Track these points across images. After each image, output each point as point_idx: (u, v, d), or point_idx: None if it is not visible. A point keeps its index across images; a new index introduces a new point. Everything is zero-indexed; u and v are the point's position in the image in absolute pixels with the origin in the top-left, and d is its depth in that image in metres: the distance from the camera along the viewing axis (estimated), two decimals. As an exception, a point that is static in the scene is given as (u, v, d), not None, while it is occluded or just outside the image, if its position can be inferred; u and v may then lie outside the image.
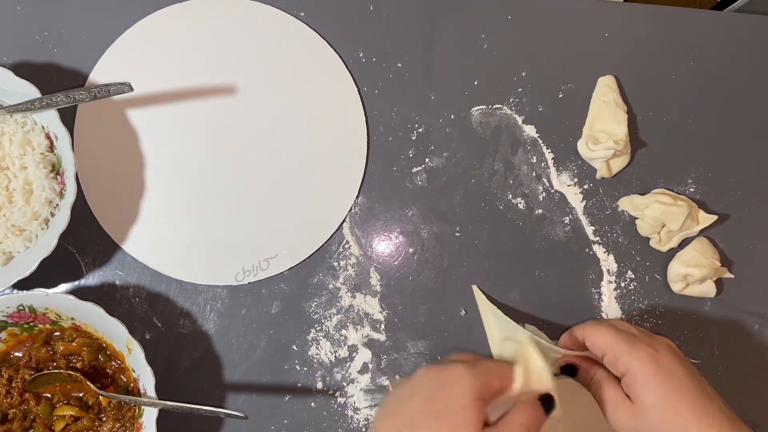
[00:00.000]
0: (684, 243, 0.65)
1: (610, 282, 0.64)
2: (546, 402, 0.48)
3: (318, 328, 0.62)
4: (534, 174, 0.65)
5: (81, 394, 0.57)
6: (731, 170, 0.67)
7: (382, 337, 0.62)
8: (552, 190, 0.65)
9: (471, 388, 0.45)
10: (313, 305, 0.62)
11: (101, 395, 0.56)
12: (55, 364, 0.58)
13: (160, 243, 0.61)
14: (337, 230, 0.63)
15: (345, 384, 0.62)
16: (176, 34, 0.64)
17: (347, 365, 0.62)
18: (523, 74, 0.66)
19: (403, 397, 0.47)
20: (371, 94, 0.65)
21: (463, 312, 0.63)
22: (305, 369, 0.62)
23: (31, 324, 0.57)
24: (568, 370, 0.55)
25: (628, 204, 0.65)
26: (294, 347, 0.62)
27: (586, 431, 0.59)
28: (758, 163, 0.67)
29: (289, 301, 0.62)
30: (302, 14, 0.65)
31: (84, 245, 0.61)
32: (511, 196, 0.65)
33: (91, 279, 0.61)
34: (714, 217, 0.64)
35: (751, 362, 0.65)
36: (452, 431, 0.43)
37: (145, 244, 0.61)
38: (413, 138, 0.65)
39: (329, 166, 0.64)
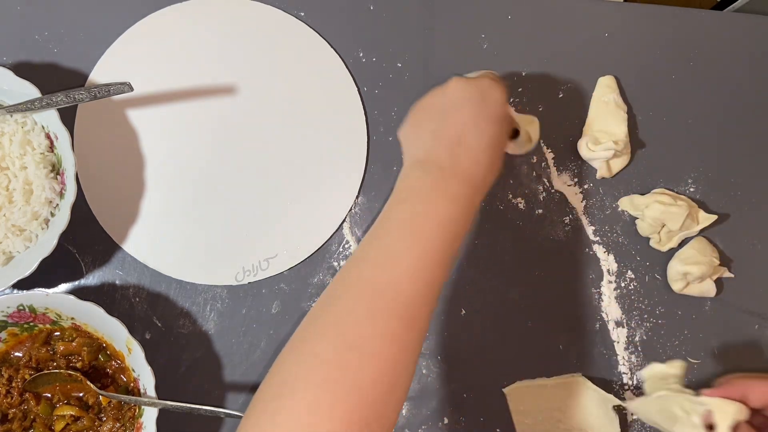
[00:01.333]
0: (684, 243, 0.65)
1: (610, 282, 0.64)
2: None
3: (318, 328, 0.62)
4: (534, 174, 0.65)
5: (81, 394, 0.57)
6: (731, 170, 0.67)
7: (382, 337, 0.62)
8: (552, 190, 0.65)
9: (504, 98, 0.51)
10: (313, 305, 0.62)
11: (101, 395, 0.56)
12: (55, 364, 0.58)
13: (160, 243, 0.61)
14: (337, 230, 0.63)
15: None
16: (176, 34, 0.64)
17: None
18: (523, 74, 0.66)
19: (454, 104, 0.50)
20: (371, 94, 0.65)
21: (463, 312, 0.63)
22: (305, 369, 0.62)
23: (31, 324, 0.57)
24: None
25: (628, 204, 0.65)
26: (294, 347, 0.62)
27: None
28: (758, 163, 0.67)
29: (289, 301, 0.62)
30: (302, 14, 0.65)
31: (84, 245, 0.61)
32: (511, 196, 0.65)
33: (91, 279, 0.61)
34: (714, 217, 0.64)
35: (751, 362, 0.65)
36: (503, 133, 0.51)
37: (145, 244, 0.61)
38: (413, 138, 0.65)
39: (329, 166, 0.64)
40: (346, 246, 0.63)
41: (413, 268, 0.43)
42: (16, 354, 0.59)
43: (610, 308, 0.64)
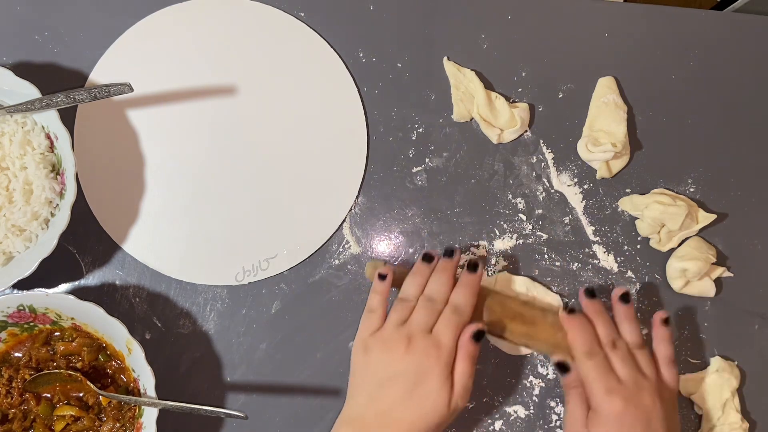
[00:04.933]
0: (684, 243, 0.65)
1: (611, 282, 0.64)
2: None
3: (318, 328, 0.62)
4: (534, 174, 0.65)
5: (81, 394, 0.58)
6: (731, 170, 0.67)
7: (382, 337, 0.62)
8: (552, 190, 0.65)
9: (445, 377, 0.52)
10: (313, 305, 0.62)
11: (101, 395, 0.56)
12: (55, 364, 0.58)
13: (160, 243, 0.62)
14: (337, 230, 0.63)
15: (346, 384, 0.61)
16: (176, 34, 0.64)
17: (348, 365, 0.62)
18: (523, 74, 0.66)
19: (389, 375, 0.52)
20: (371, 94, 0.65)
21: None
22: (306, 369, 0.62)
23: (31, 324, 0.57)
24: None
25: (628, 204, 0.65)
26: (294, 347, 0.62)
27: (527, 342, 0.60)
28: (758, 163, 0.67)
29: (289, 301, 0.62)
30: (302, 14, 0.65)
31: (84, 245, 0.61)
32: (511, 196, 0.65)
33: (91, 279, 0.61)
34: (713, 216, 0.64)
35: (751, 362, 0.65)
36: (431, 409, 0.51)
37: (145, 244, 0.61)
38: (413, 138, 0.65)
39: (329, 166, 0.64)
40: (346, 246, 0.63)
41: None
42: (16, 354, 0.59)
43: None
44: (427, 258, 0.57)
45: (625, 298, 0.57)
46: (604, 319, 0.56)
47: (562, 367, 0.55)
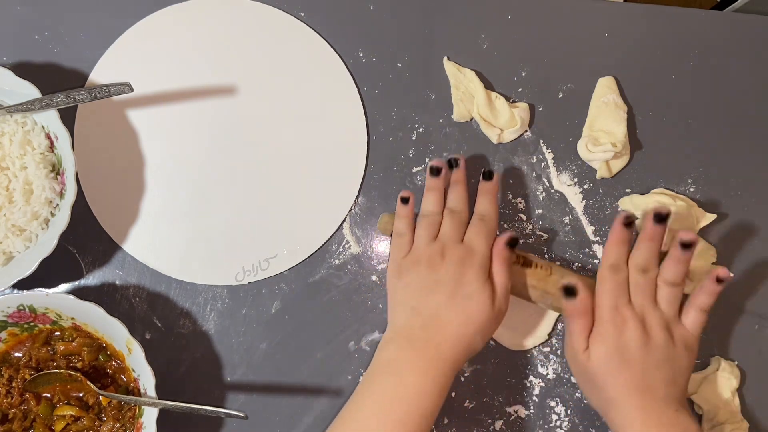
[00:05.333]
0: (684, 243, 0.65)
1: (610, 282, 0.64)
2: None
3: (318, 328, 0.62)
4: (534, 174, 0.65)
5: (81, 394, 0.58)
6: (731, 170, 0.67)
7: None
8: (552, 190, 0.65)
9: (485, 279, 0.53)
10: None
11: (101, 395, 0.56)
12: (55, 364, 0.58)
13: (160, 243, 0.62)
14: (337, 230, 0.63)
15: (346, 384, 0.62)
16: (176, 34, 0.64)
17: (348, 365, 0.62)
18: (523, 74, 0.66)
19: (430, 285, 0.53)
20: (371, 94, 0.65)
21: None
22: (306, 369, 0.62)
23: (31, 324, 0.57)
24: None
25: (628, 204, 0.65)
26: (294, 347, 0.62)
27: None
28: (758, 163, 0.67)
29: (289, 301, 0.62)
30: (302, 14, 0.65)
31: (84, 245, 0.61)
32: (511, 196, 0.65)
33: (91, 279, 0.61)
34: (713, 216, 0.64)
35: (751, 362, 0.65)
36: (477, 310, 0.52)
37: (145, 244, 0.61)
38: (413, 138, 0.65)
39: (329, 166, 0.64)
40: (346, 246, 0.63)
41: None
42: (16, 354, 0.59)
43: (610, 308, 0.64)
44: (435, 171, 0.58)
45: (685, 246, 0.52)
46: (653, 247, 0.53)
47: (569, 291, 0.53)
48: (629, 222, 0.54)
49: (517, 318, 0.62)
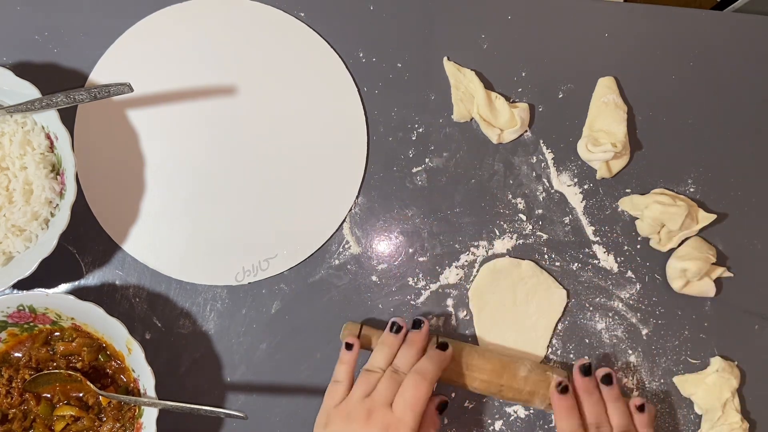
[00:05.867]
0: (684, 243, 0.65)
1: (610, 282, 0.64)
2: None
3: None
4: (534, 174, 0.65)
5: (81, 394, 0.58)
6: (731, 170, 0.67)
7: (382, 337, 0.62)
8: (552, 190, 0.65)
9: None
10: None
11: (101, 395, 0.56)
12: (55, 364, 0.58)
13: (160, 243, 0.62)
14: (337, 230, 0.63)
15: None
16: (176, 34, 0.64)
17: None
18: (523, 74, 0.66)
19: None
20: (371, 94, 0.65)
21: (464, 313, 0.63)
22: (306, 369, 0.62)
23: (31, 324, 0.57)
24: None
25: (628, 204, 0.65)
26: (294, 347, 0.62)
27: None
28: (758, 163, 0.67)
29: (289, 301, 0.62)
30: (302, 14, 0.65)
31: (84, 245, 0.61)
32: (511, 196, 0.65)
33: (91, 279, 0.61)
34: (713, 216, 0.64)
35: (751, 362, 0.65)
36: None
37: (145, 244, 0.61)
38: (413, 138, 0.65)
39: (329, 166, 0.64)
40: (346, 246, 0.63)
41: None
42: (16, 354, 0.59)
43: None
44: (396, 328, 0.58)
45: (606, 380, 0.58)
46: (594, 400, 0.57)
47: (564, 389, 0.57)
48: (564, 388, 0.57)
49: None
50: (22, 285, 0.57)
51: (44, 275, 0.58)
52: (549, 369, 0.59)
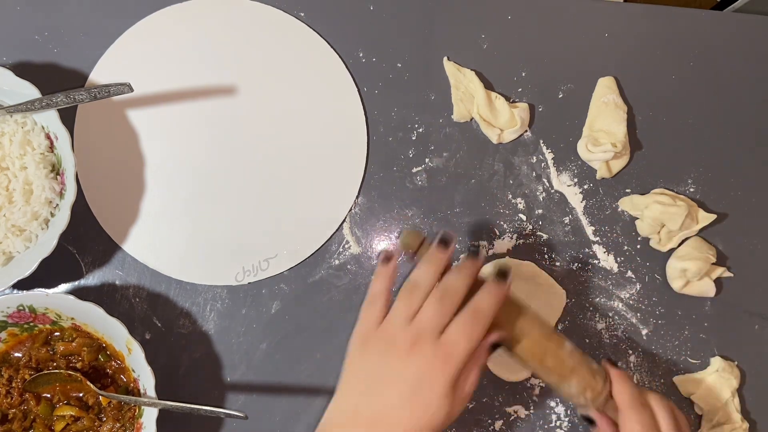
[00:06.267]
0: (684, 243, 0.65)
1: (610, 282, 0.64)
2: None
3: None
4: (534, 174, 0.65)
5: (81, 394, 0.58)
6: (731, 170, 0.67)
7: (382, 337, 0.62)
8: (552, 190, 0.65)
9: (450, 389, 0.46)
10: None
11: (101, 395, 0.56)
12: (55, 364, 0.58)
13: (160, 243, 0.62)
14: (337, 230, 0.63)
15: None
16: (176, 34, 0.64)
17: (347, 365, 0.62)
18: (523, 74, 0.66)
19: (388, 376, 0.47)
20: (371, 94, 0.65)
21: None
22: (306, 369, 0.62)
23: (31, 324, 0.57)
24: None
25: (628, 204, 0.65)
26: (294, 347, 0.62)
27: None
28: (758, 163, 0.67)
29: (289, 301, 0.62)
30: (302, 14, 0.65)
31: (84, 245, 0.61)
32: (511, 196, 0.65)
33: (91, 279, 0.61)
34: (713, 216, 0.64)
35: (751, 362, 0.65)
36: (429, 420, 0.45)
37: (145, 244, 0.61)
38: (413, 138, 0.65)
39: (329, 166, 0.64)
40: (346, 246, 0.63)
41: None
42: (16, 354, 0.59)
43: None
44: (445, 243, 0.50)
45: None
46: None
47: (590, 421, 0.51)
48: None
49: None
50: (22, 285, 0.57)
51: (44, 275, 0.58)
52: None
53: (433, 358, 0.46)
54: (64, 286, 0.61)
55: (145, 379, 0.55)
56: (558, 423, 0.63)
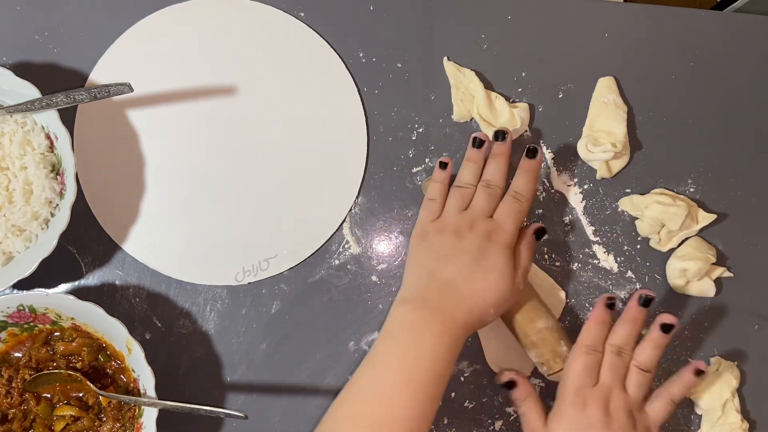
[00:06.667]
0: (684, 243, 0.65)
1: (610, 283, 0.64)
2: None
3: (318, 328, 0.62)
4: (534, 174, 0.65)
5: (81, 394, 0.58)
6: (731, 170, 0.67)
7: (382, 337, 0.62)
8: (552, 190, 0.65)
9: (510, 254, 0.53)
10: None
11: (101, 395, 0.56)
12: (55, 364, 0.58)
13: (160, 243, 0.62)
14: (337, 230, 0.63)
15: (346, 384, 0.61)
16: (176, 34, 0.64)
17: (348, 365, 0.62)
18: (523, 74, 0.66)
19: (452, 251, 0.53)
20: (371, 94, 0.65)
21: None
22: (306, 369, 0.62)
23: (31, 324, 0.57)
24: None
25: (628, 204, 0.65)
26: (294, 347, 0.62)
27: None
28: (758, 163, 0.67)
29: (289, 301, 0.62)
30: (302, 14, 0.65)
31: (84, 245, 0.61)
32: (511, 196, 0.65)
33: (91, 279, 0.61)
34: (713, 216, 0.64)
35: (751, 362, 0.65)
36: (496, 282, 0.52)
37: (145, 244, 0.61)
38: (413, 138, 0.65)
39: (329, 166, 0.64)
40: (346, 246, 0.63)
41: (406, 407, 0.47)
42: (16, 354, 0.59)
43: (610, 308, 0.64)
44: (478, 143, 0.58)
45: (666, 328, 0.54)
46: (632, 329, 0.55)
47: (509, 385, 0.56)
48: (611, 303, 0.56)
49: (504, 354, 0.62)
50: (22, 285, 0.57)
51: (44, 275, 0.58)
52: (564, 341, 0.57)
53: (488, 231, 0.53)
54: (64, 286, 0.61)
55: (145, 379, 0.55)
56: (558, 423, 0.63)
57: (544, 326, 0.57)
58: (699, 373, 0.54)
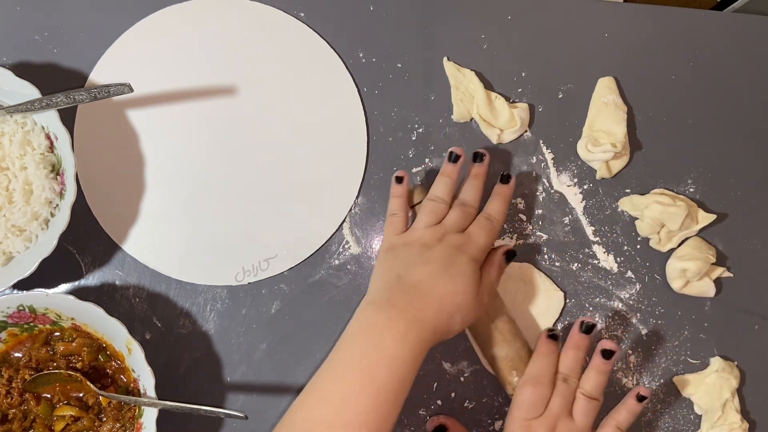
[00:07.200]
0: (684, 243, 0.65)
1: (610, 282, 0.64)
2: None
3: (318, 328, 0.62)
4: (534, 174, 0.65)
5: (81, 394, 0.58)
6: (731, 170, 0.67)
7: (382, 337, 0.62)
8: (552, 190, 0.65)
9: (477, 266, 0.53)
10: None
11: (101, 395, 0.56)
12: (55, 364, 0.58)
13: (160, 243, 0.62)
14: (337, 230, 0.63)
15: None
16: (176, 34, 0.64)
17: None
18: (523, 74, 0.66)
19: (421, 259, 0.52)
20: (371, 94, 0.65)
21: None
22: (306, 369, 0.62)
23: (31, 324, 0.57)
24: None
25: (628, 204, 0.65)
26: (294, 347, 0.62)
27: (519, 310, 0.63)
28: (758, 163, 0.67)
29: (288, 301, 0.62)
30: (302, 14, 0.65)
31: (84, 245, 0.61)
32: (511, 196, 0.65)
33: (91, 279, 0.61)
34: (713, 216, 0.64)
35: (751, 362, 0.65)
36: (462, 288, 0.52)
37: (145, 244, 0.61)
38: (413, 138, 0.65)
39: (329, 166, 0.64)
40: (346, 246, 0.63)
41: (364, 411, 0.46)
42: (16, 354, 0.59)
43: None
44: (454, 158, 0.58)
45: (606, 354, 0.54)
46: (575, 355, 0.55)
47: (439, 430, 0.59)
48: (553, 335, 0.56)
49: None
50: (22, 285, 0.57)
51: (44, 275, 0.58)
52: (518, 371, 0.57)
53: (459, 244, 0.53)
54: (64, 286, 0.61)
55: (145, 379, 0.55)
56: (558, 423, 0.63)
57: (498, 354, 0.57)
58: (641, 399, 0.54)
